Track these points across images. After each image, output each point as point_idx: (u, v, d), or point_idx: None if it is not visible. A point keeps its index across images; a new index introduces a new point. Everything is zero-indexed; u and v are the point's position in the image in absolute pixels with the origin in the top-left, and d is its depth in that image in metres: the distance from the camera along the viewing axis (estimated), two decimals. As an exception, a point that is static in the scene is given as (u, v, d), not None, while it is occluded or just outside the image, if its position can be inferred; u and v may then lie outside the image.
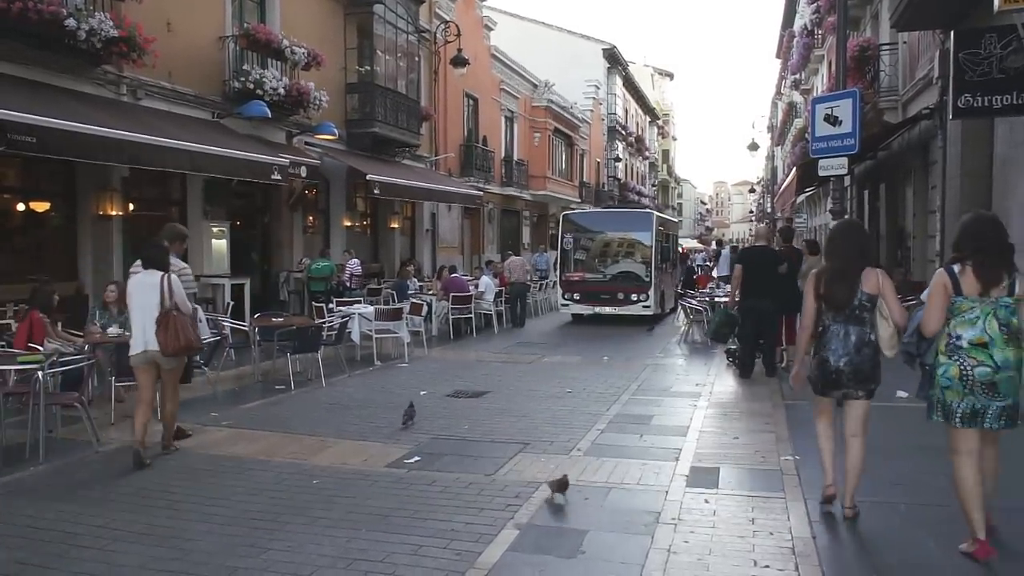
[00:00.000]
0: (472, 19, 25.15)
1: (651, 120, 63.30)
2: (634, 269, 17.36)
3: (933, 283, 4.32)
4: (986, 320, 4.17)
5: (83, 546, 4.58)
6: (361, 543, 4.60)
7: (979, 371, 4.16)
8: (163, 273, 6.54)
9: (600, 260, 17.96)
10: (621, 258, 17.83)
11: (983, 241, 4.26)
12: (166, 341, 6.34)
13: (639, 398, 9.10)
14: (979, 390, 4.18)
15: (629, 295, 16.84)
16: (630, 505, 5.32)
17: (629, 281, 17.12)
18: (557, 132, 34.64)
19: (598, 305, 17.03)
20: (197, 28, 13.07)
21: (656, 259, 17.17)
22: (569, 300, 17.43)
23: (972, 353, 4.18)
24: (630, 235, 17.76)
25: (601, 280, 17.45)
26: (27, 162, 10.07)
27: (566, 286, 17.65)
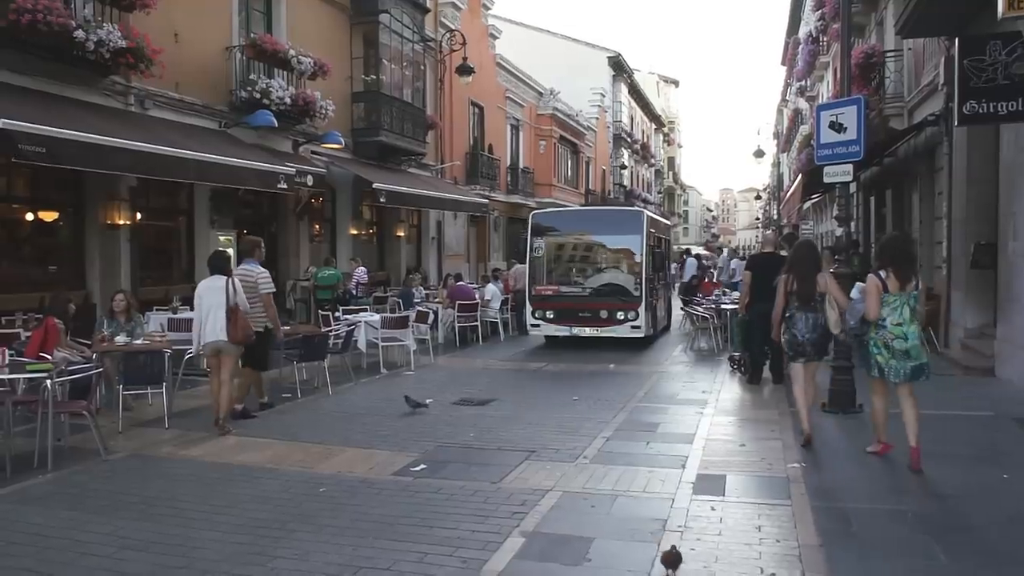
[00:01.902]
0: (477, 28, 25.25)
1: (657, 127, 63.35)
2: (620, 281, 14.21)
3: (870, 285, 6.17)
4: (902, 308, 6.10)
5: (91, 554, 4.60)
6: (367, 551, 4.61)
7: (897, 343, 6.09)
8: (227, 277, 7.78)
9: (578, 270, 14.80)
10: (604, 267, 14.63)
11: (899, 254, 6.23)
12: (233, 332, 7.69)
13: (645, 405, 9.09)
14: (899, 355, 6.11)
15: (614, 313, 13.76)
16: (636, 513, 5.31)
17: (614, 296, 13.98)
18: (563, 140, 34.70)
19: (576, 325, 13.94)
20: (204, 38, 13.17)
21: (647, 268, 14.07)
22: (540, 319, 14.22)
23: (893, 331, 6.11)
24: (615, 239, 14.58)
25: (579, 295, 14.31)
26: (36, 172, 10.15)
27: (536, 302, 14.38)
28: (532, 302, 14.45)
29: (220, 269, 7.93)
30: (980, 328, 11.29)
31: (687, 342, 14.78)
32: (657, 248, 15.55)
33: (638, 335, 13.78)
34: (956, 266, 11.96)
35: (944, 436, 7.26)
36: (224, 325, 7.65)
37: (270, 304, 8.38)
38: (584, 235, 14.99)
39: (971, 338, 11.28)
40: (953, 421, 7.89)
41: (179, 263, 13.84)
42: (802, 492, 5.57)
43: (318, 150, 16.08)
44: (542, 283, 14.60)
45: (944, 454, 6.55)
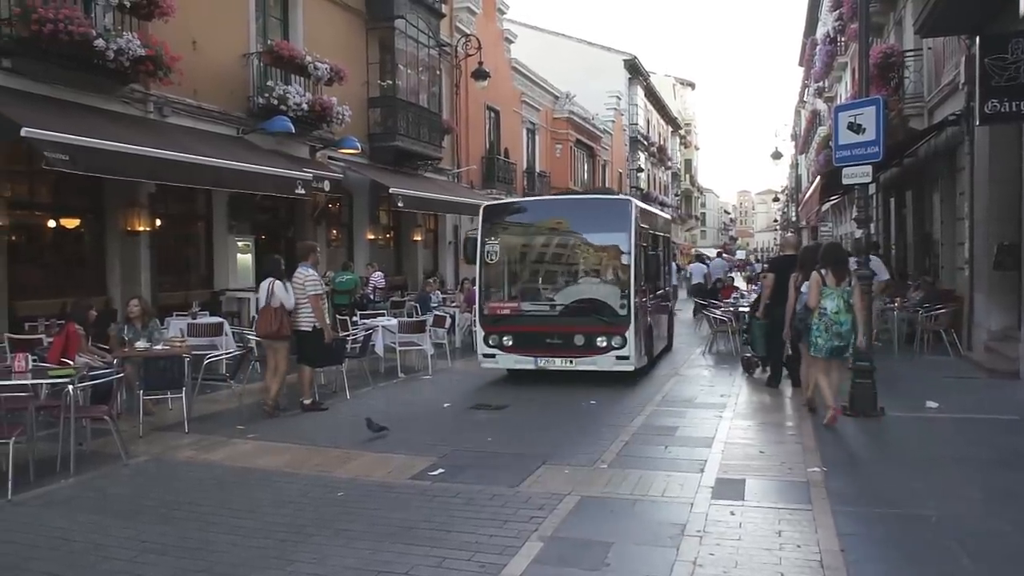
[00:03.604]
0: (493, 32, 25.29)
1: (673, 130, 63.15)
2: (602, 294, 10.63)
3: (812, 280, 7.89)
4: (838, 299, 7.76)
5: (113, 558, 4.63)
6: (385, 555, 4.61)
7: (834, 328, 7.73)
8: (273, 279, 8.73)
9: (546, 280, 11.25)
10: (581, 276, 11.11)
11: (834, 259, 8.00)
12: (260, 327, 8.94)
13: (664, 409, 9.04)
14: (834, 338, 7.74)
15: (593, 339, 10.20)
16: (655, 517, 5.28)
17: (593, 315, 10.39)
18: (579, 143, 34.67)
19: (543, 355, 10.40)
20: (222, 46, 13.28)
21: (639, 276, 10.52)
22: (495, 347, 10.62)
23: (831, 317, 7.73)
24: (595, 237, 11.04)
25: (547, 314, 10.75)
26: (58, 179, 10.27)
27: (489, 324, 10.75)
28: (484, 324, 10.78)
29: (268, 273, 8.96)
30: (1004, 330, 11.14)
31: (705, 345, 14.70)
32: (652, 248, 11.81)
33: (626, 368, 10.18)
34: (979, 267, 11.82)
35: (968, 439, 7.19)
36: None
37: (316, 305, 8.88)
38: (554, 233, 11.25)
39: (995, 340, 11.14)
40: (977, 424, 7.80)
41: (198, 268, 13.96)
42: (823, 497, 5.51)
43: (335, 155, 16.16)
44: (497, 298, 11.08)
45: (968, 457, 6.47)
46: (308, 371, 9.14)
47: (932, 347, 12.49)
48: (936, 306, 12.74)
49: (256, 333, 9.26)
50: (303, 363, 9.08)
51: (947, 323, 12.47)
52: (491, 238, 11.11)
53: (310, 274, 8.97)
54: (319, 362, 9.32)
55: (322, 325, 8.97)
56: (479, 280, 11.16)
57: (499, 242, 11.09)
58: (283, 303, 8.72)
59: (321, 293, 9.03)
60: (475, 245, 11.26)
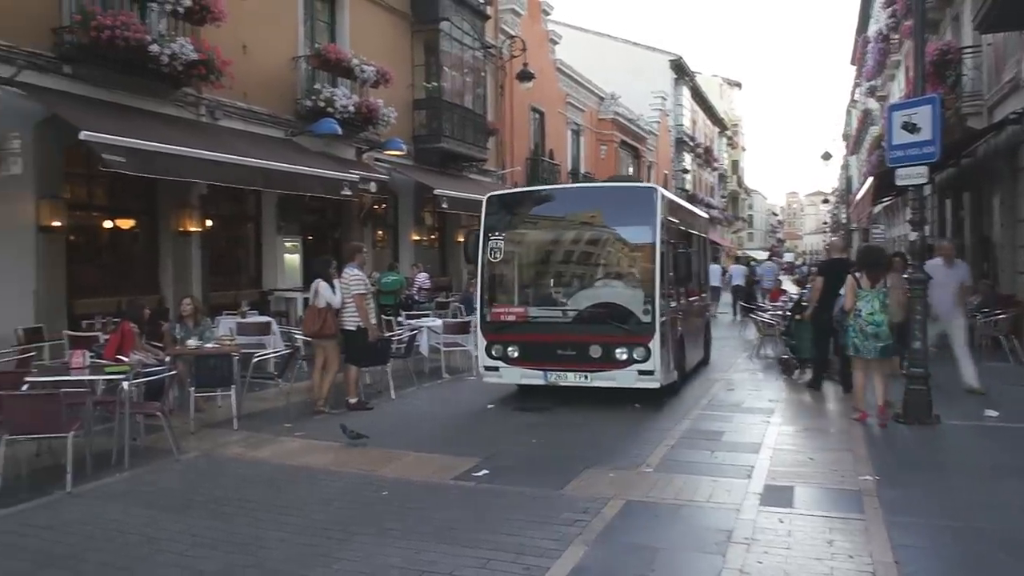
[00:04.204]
0: (537, 34, 25.29)
1: (720, 131, 62.40)
2: (622, 298, 9.19)
3: (847, 283, 8.14)
4: (873, 301, 7.88)
5: (166, 551, 4.74)
6: (429, 555, 4.62)
7: (869, 328, 7.86)
8: (320, 279, 8.98)
9: (558, 282, 9.77)
10: (598, 277, 9.65)
11: (870, 261, 8.21)
12: (306, 325, 9.21)
13: (709, 413, 8.92)
14: (870, 338, 7.87)
15: (611, 350, 8.82)
16: (701, 523, 5.20)
17: (612, 322, 8.98)
18: (623, 144, 34.48)
19: (553, 368, 9.06)
20: (271, 49, 13.52)
21: (666, 278, 9.12)
22: (498, 358, 9.33)
23: (866, 318, 7.88)
24: (614, 233, 9.59)
25: (558, 321, 9.34)
26: (114, 181, 10.56)
27: (492, 332, 9.45)
28: (486, 332, 9.47)
29: (317, 274, 9.20)
30: (1066, 336, 10.74)
31: (752, 349, 14.47)
32: (682, 246, 10.37)
33: (650, 384, 8.77)
34: (1040, 271, 11.42)
35: (1028, 450, 6.93)
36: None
37: (360, 305, 9.01)
38: (567, 226, 9.83)
39: (1056, 347, 10.74)
40: (1037, 434, 7.52)
41: (247, 269, 14.22)
42: (876, 506, 5.36)
43: (381, 157, 16.33)
44: (502, 302, 9.67)
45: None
46: (354, 370, 9.25)
47: (991, 353, 12.09)
48: (995, 311, 12.34)
49: (303, 332, 9.50)
50: (349, 362, 9.21)
51: (1007, 328, 12.08)
52: (495, 233, 9.70)
53: (355, 274, 9.12)
54: (364, 362, 9.43)
55: (366, 325, 9.07)
56: (480, 281, 9.74)
57: (504, 237, 9.69)
58: (329, 303, 8.90)
59: (365, 293, 9.12)
60: (476, 241, 9.88)
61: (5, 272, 9.42)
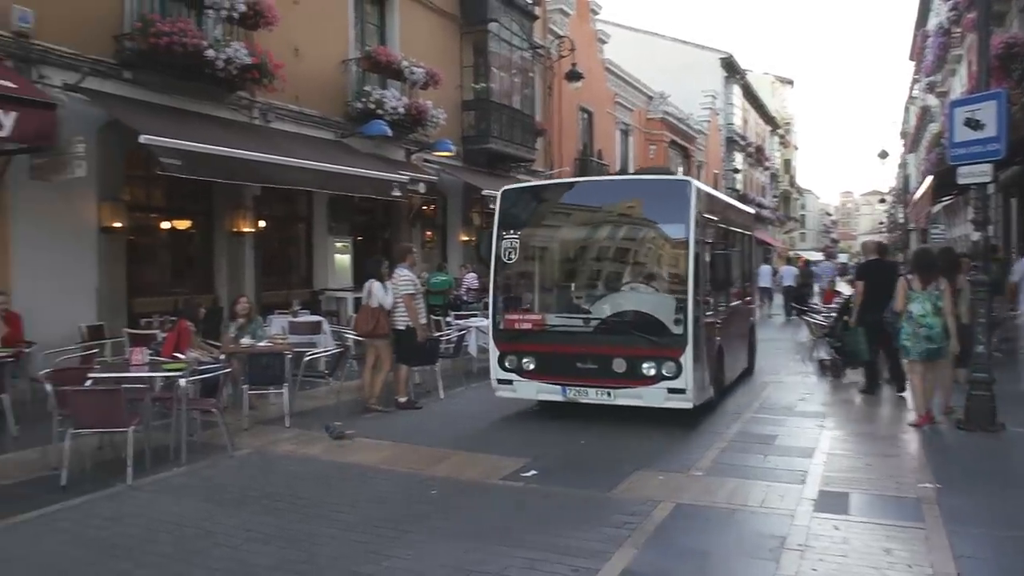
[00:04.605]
0: (586, 33, 25.18)
1: (771, 129, 61.32)
2: (649, 305, 8.29)
3: (899, 284, 8.14)
4: (924, 302, 7.79)
5: (221, 544, 4.84)
6: (478, 554, 4.63)
7: (922, 330, 7.77)
8: (373, 279, 9.17)
9: (579, 286, 8.89)
10: (621, 281, 8.69)
11: (922, 263, 8.10)
12: (358, 325, 9.37)
13: (761, 417, 8.77)
14: (922, 340, 7.77)
15: (637, 365, 7.93)
16: (753, 528, 5.11)
17: (638, 333, 8.04)
18: (673, 144, 34.11)
19: (573, 383, 8.24)
20: (322, 52, 13.73)
21: (700, 282, 8.02)
22: (512, 370, 8.53)
23: (918, 320, 7.80)
24: (642, 231, 8.62)
25: (578, 330, 8.41)
26: (171, 183, 10.83)
27: (505, 341, 8.65)
28: (499, 341, 8.67)
29: (369, 274, 9.39)
30: None
31: (804, 352, 14.17)
32: (721, 246, 9.28)
33: (681, 404, 7.88)
34: (1112, 273, 10.94)
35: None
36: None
37: (408, 305, 9.13)
38: (589, 224, 8.89)
39: None
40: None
41: (298, 268, 14.45)
42: (936, 515, 5.20)
43: (430, 158, 16.44)
44: (517, 308, 8.89)
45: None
46: (404, 370, 9.35)
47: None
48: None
49: (355, 331, 9.65)
50: (399, 362, 9.31)
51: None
52: (509, 231, 8.79)
53: (404, 274, 9.22)
54: (414, 361, 9.51)
55: (415, 324, 9.14)
56: (493, 285, 8.88)
57: (520, 236, 8.78)
58: (381, 303, 9.03)
59: (414, 293, 9.20)
60: (489, 240, 8.99)
61: (70, 271, 9.74)
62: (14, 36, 8.94)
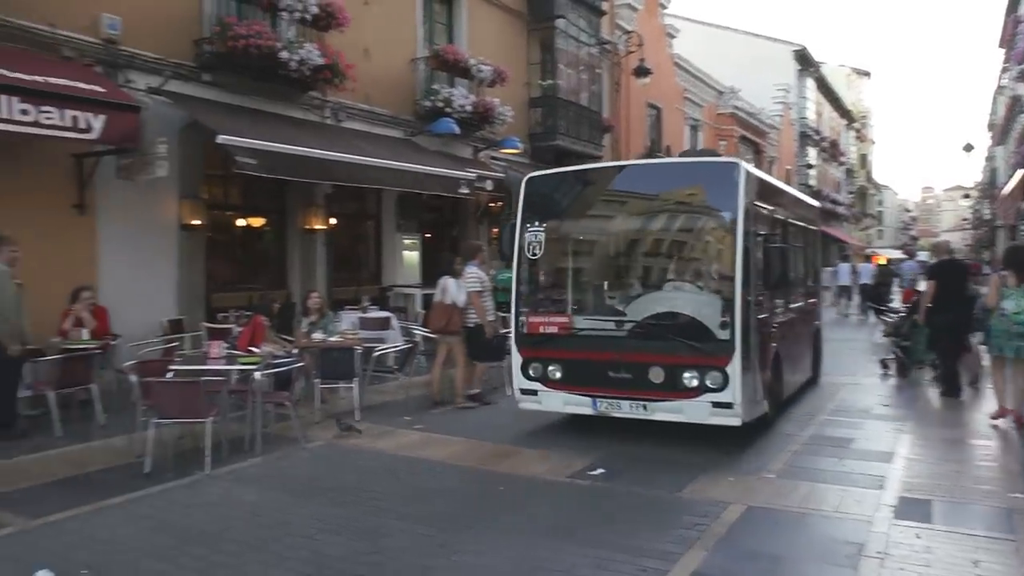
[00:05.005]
0: (654, 28, 24.86)
1: (847, 123, 59.40)
2: (691, 307, 7.23)
3: (992, 280, 8.18)
4: (1019, 299, 7.68)
5: (295, 534, 4.95)
6: (544, 552, 4.62)
7: (1014, 328, 7.65)
8: (447, 276, 9.34)
9: (611, 285, 7.93)
10: (659, 279, 7.66)
11: (1016, 260, 7.92)
12: (431, 321, 9.58)
13: (837, 419, 8.50)
14: (1014, 336, 7.66)
15: (678, 373, 6.95)
16: (828, 533, 4.96)
17: (677, 338, 7.04)
18: (744, 139, 33.43)
19: (604, 394, 7.32)
20: (391, 52, 13.92)
21: (750, 281, 6.96)
22: (536, 379, 7.69)
23: (1011, 317, 7.69)
24: (681, 222, 7.50)
25: (611, 334, 7.48)
26: (247, 181, 11.16)
27: (529, 347, 7.80)
28: (522, 346, 7.83)
29: (445, 271, 9.61)
30: None
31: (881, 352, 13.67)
32: (777, 239, 8.06)
33: (729, 420, 6.84)
34: None
35: None
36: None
37: (475, 302, 9.22)
38: (622, 215, 7.87)
39: None
40: None
41: (368, 265, 14.70)
42: (1028, 525, 4.95)
43: (497, 155, 16.49)
44: (541, 310, 7.92)
45: None
46: (477, 367, 9.44)
47: None
48: None
49: (429, 327, 9.77)
50: (469, 358, 9.40)
51: None
52: (534, 223, 7.90)
53: (471, 272, 9.30)
54: (482, 357, 9.56)
55: (482, 321, 9.19)
56: (515, 283, 7.97)
57: (545, 229, 7.85)
58: (454, 300, 9.14)
59: (481, 291, 9.24)
60: (512, 233, 8.07)
61: (152, 267, 10.13)
62: (104, 43, 9.35)
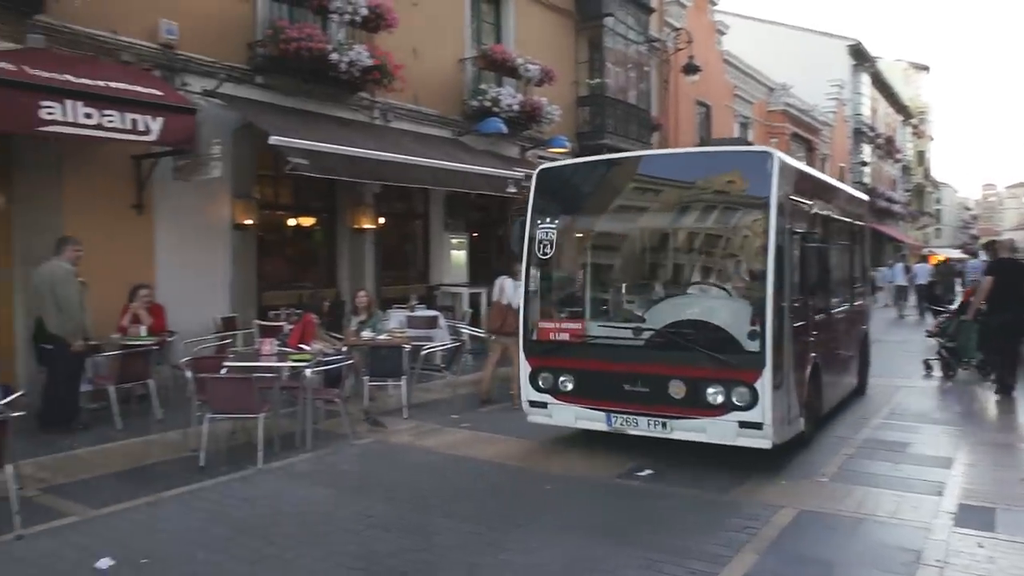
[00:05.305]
0: (704, 25, 24.54)
1: (903, 119, 57.82)
2: (715, 313, 6.63)
3: None
4: None
5: (344, 529, 5.02)
6: (592, 551, 4.60)
7: None
8: (505, 276, 9.44)
9: (628, 288, 7.40)
10: (680, 282, 7.14)
11: None
12: (489, 321, 9.74)
13: (893, 423, 8.28)
14: None
15: (701, 389, 6.25)
16: (883, 540, 4.83)
17: (700, 348, 6.27)
18: (795, 137, 32.78)
19: (619, 409, 6.61)
20: (439, 52, 14.00)
21: (785, 282, 6.27)
22: (546, 391, 7.00)
23: None
24: (706, 218, 6.90)
25: (627, 343, 6.73)
26: (297, 181, 11.33)
27: (537, 354, 7.12)
28: (531, 354, 7.15)
29: (502, 272, 9.73)
30: None
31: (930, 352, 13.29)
32: (814, 236, 7.20)
33: (757, 443, 6.11)
34: None
35: None
36: None
37: None
38: (641, 211, 7.30)
39: None
40: None
41: (415, 264, 14.81)
42: (1098, 536, 4.75)
43: (544, 154, 16.45)
44: (552, 315, 7.28)
45: None
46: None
47: None
48: None
49: (486, 327, 9.85)
50: None
51: None
52: (546, 219, 7.25)
53: None
54: None
55: None
56: (524, 285, 7.37)
57: (558, 226, 7.20)
58: (511, 300, 9.11)
59: None
60: (522, 229, 7.44)
61: (206, 266, 10.36)
62: (161, 48, 9.59)
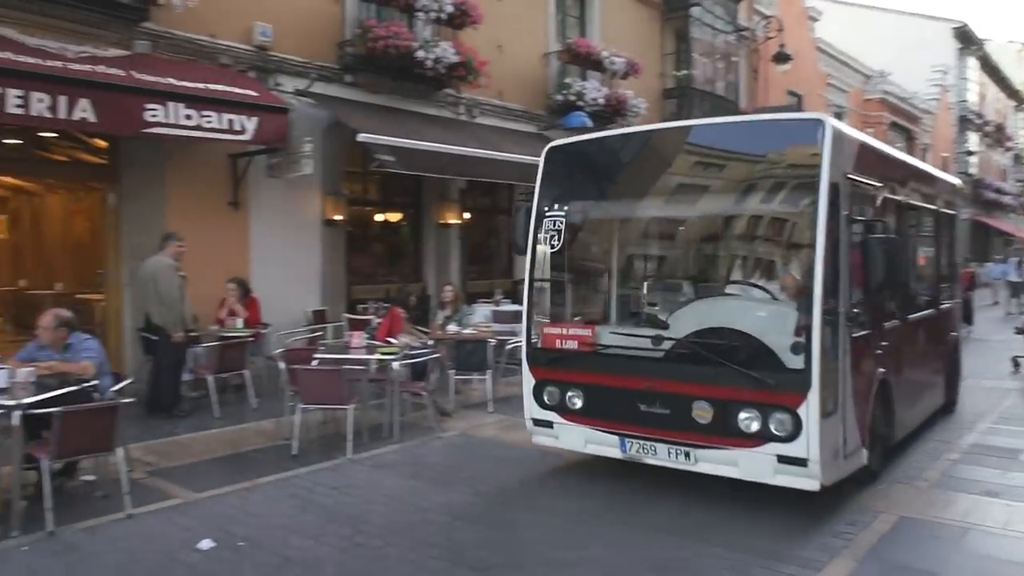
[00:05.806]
0: (795, 11, 23.72)
1: (1016, 104, 54.44)
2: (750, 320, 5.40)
3: None
4: None
5: (431, 521, 5.10)
6: (681, 552, 4.52)
7: None
8: None
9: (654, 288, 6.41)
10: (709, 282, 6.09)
11: None
12: None
13: (1001, 428, 7.82)
14: None
15: (732, 413, 5.05)
16: (993, 552, 4.58)
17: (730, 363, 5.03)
18: (894, 126, 31.34)
19: (634, 434, 5.48)
20: (524, 47, 14.00)
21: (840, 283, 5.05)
22: (552, 408, 6.05)
23: None
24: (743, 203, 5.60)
25: (644, 353, 5.50)
26: (384, 178, 11.55)
27: (542, 365, 6.23)
28: (535, 365, 6.30)
29: None
30: None
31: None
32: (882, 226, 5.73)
33: (802, 482, 4.92)
34: None
35: None
36: None
37: None
38: (665, 195, 6.12)
39: None
40: None
41: (500, 259, 14.89)
42: None
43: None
44: (560, 319, 6.44)
45: None
46: None
47: None
48: None
49: None
50: None
51: None
52: (554, 206, 6.19)
53: None
54: None
55: None
56: (528, 283, 6.42)
57: (568, 214, 6.15)
58: None
59: None
60: (527, 218, 6.35)
61: (299, 260, 10.69)
62: (256, 49, 9.93)
